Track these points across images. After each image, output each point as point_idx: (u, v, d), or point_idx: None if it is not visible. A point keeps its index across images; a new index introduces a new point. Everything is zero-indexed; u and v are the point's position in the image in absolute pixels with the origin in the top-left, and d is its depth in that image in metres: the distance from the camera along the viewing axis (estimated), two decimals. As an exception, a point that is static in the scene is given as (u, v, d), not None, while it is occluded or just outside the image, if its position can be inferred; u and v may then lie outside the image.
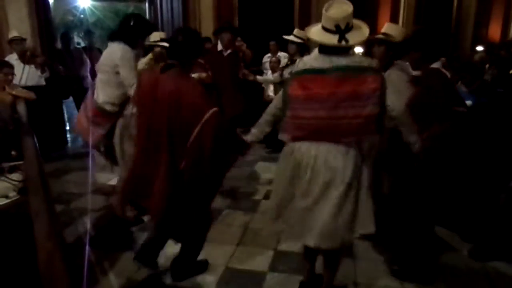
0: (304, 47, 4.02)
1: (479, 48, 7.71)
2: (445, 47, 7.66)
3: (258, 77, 4.87)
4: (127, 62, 2.71)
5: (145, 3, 8.29)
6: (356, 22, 2.04)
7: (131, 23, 2.80)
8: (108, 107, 2.79)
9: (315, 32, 2.05)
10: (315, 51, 2.10)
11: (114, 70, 2.73)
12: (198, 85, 2.32)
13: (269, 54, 6.55)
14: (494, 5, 8.47)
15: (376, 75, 1.96)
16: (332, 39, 1.97)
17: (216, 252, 2.84)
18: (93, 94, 2.90)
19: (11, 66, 3.83)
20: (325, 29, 2.00)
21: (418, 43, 2.59)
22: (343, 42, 1.96)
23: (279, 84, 4.46)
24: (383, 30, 2.85)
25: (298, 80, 2.06)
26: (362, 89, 1.94)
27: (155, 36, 3.90)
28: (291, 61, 4.38)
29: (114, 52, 2.75)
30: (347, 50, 2.01)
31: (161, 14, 7.26)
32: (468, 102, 3.62)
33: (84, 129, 2.93)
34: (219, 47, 4.49)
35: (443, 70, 2.63)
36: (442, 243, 3.04)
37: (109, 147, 2.89)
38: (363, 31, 2.04)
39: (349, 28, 1.98)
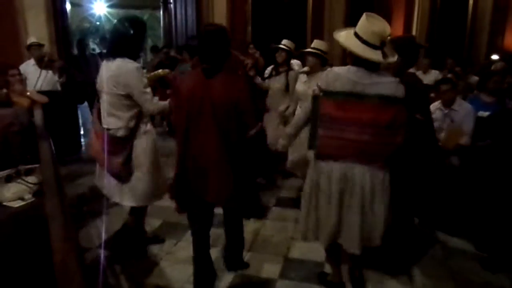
0: (324, 60, 3.60)
1: (495, 56, 7.60)
2: (459, 55, 7.59)
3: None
4: (140, 82, 2.48)
5: (160, 11, 8.40)
6: None
7: (132, 32, 2.51)
8: (120, 133, 2.58)
9: (357, 46, 2.03)
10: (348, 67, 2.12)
11: (125, 91, 2.49)
12: (248, 90, 2.39)
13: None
14: (510, 13, 8.36)
15: (402, 104, 2.06)
16: (377, 55, 2.01)
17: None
18: (98, 117, 2.67)
19: (14, 68, 3.84)
20: (365, 42, 2.02)
21: (401, 51, 2.58)
22: (386, 59, 2.03)
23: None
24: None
25: (336, 101, 2.08)
26: (399, 118, 2.04)
27: None
28: (276, 71, 4.23)
29: (123, 73, 2.46)
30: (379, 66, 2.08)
31: (175, 21, 7.36)
32: (486, 113, 3.55)
33: (98, 152, 2.69)
34: None
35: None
36: (456, 252, 3.00)
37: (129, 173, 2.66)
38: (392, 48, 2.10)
39: (385, 43, 2.04)
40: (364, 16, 2.05)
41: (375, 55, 2.00)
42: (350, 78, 2.05)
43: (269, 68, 4.40)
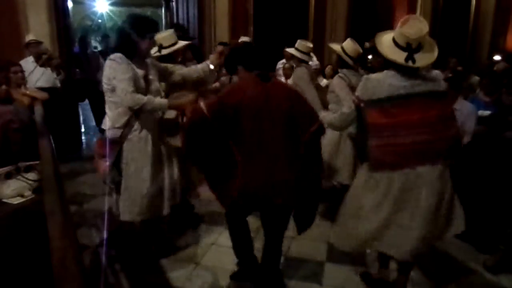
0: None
1: (497, 57, 7.58)
2: (461, 55, 7.57)
3: None
4: (121, 74, 2.33)
5: (162, 9, 8.39)
6: (428, 40, 2.05)
7: (130, 29, 2.43)
8: (110, 134, 2.46)
9: (386, 45, 2.06)
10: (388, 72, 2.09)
11: (109, 84, 2.40)
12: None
13: (283, 60, 6.56)
14: (512, 13, 8.35)
15: (448, 96, 2.11)
16: (400, 57, 2.00)
17: (228, 258, 2.83)
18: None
19: (17, 65, 3.84)
20: (396, 43, 2.03)
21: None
22: (410, 62, 1.99)
23: None
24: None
25: (382, 108, 2.04)
26: (446, 111, 2.08)
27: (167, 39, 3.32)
28: None
29: (107, 65, 2.41)
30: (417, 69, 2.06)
31: (177, 19, 7.34)
32: (487, 112, 3.56)
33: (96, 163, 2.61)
34: None
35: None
36: (457, 253, 2.99)
37: (118, 181, 2.54)
38: (433, 53, 2.06)
39: (419, 47, 2.00)
40: (405, 18, 2.06)
41: (398, 57, 2.01)
42: (388, 82, 2.04)
43: (280, 63, 4.47)
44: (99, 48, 8.85)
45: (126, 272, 2.71)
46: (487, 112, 3.53)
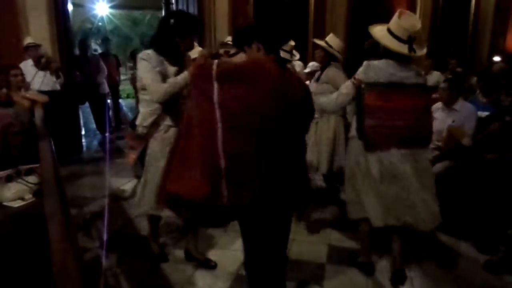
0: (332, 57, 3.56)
1: (496, 58, 7.58)
2: (461, 56, 7.57)
3: None
4: (147, 72, 2.36)
5: (162, 12, 8.41)
6: (420, 32, 2.34)
7: (170, 23, 2.39)
8: (139, 130, 2.55)
9: (385, 37, 2.30)
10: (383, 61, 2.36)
11: (141, 84, 2.47)
12: None
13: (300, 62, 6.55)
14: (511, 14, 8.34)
15: (428, 91, 2.53)
16: (402, 48, 2.26)
17: (227, 259, 2.84)
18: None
19: (17, 68, 3.82)
20: (394, 36, 2.28)
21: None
22: (412, 53, 2.26)
23: None
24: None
25: (379, 92, 2.31)
26: (428, 104, 2.45)
27: None
28: None
29: (138, 62, 2.45)
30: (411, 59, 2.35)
31: (176, 22, 7.36)
32: (485, 113, 3.56)
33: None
34: None
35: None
36: (458, 254, 2.98)
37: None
38: (424, 43, 2.36)
39: (415, 39, 2.27)
40: (396, 13, 2.32)
41: (401, 48, 2.26)
42: (388, 70, 2.31)
43: None
44: (99, 51, 8.88)
45: (126, 274, 2.71)
46: (485, 113, 3.53)
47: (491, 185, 2.98)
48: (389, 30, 2.32)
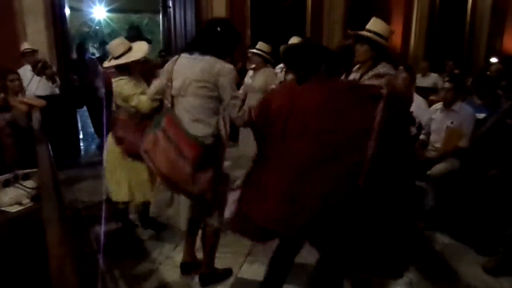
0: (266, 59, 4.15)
1: (493, 59, 7.61)
2: (458, 58, 7.60)
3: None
4: (234, 85, 2.25)
5: (159, 15, 8.42)
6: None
7: (218, 30, 2.26)
8: (208, 141, 2.23)
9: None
10: None
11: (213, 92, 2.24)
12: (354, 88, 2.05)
13: (281, 65, 6.58)
14: (508, 15, 8.37)
15: None
16: None
17: (227, 262, 2.83)
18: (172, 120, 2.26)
19: (15, 73, 3.83)
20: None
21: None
22: None
23: None
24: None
25: None
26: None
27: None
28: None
29: (219, 71, 2.19)
30: None
31: (174, 25, 7.37)
32: (481, 115, 3.56)
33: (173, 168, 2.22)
34: None
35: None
36: (457, 256, 2.98)
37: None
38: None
39: None
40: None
41: None
42: None
43: (278, 68, 4.59)
44: (97, 55, 8.87)
45: (124, 278, 2.69)
46: (482, 115, 3.54)
47: (490, 187, 2.99)
48: None
